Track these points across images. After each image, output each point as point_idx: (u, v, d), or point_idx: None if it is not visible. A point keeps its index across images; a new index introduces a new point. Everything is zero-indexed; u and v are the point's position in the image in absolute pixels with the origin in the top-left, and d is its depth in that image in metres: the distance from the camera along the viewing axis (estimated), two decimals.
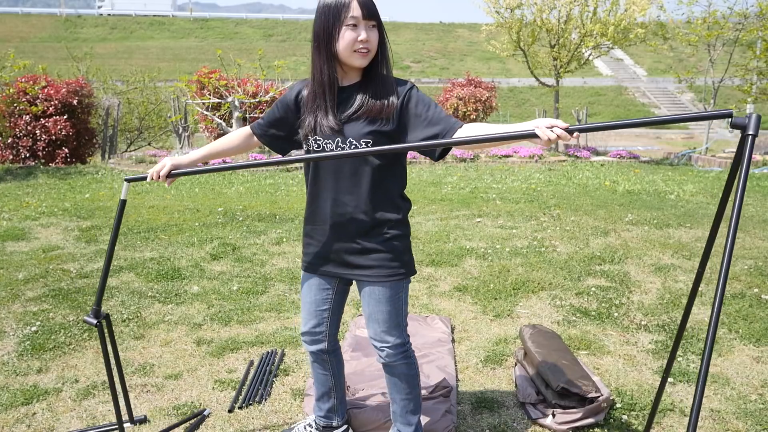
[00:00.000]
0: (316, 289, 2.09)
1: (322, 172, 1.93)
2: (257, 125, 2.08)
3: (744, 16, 13.30)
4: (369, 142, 1.84)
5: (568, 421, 2.39)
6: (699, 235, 5.43)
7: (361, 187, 1.89)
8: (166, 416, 2.51)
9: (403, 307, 2.03)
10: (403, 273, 1.97)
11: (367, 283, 1.98)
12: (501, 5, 13.07)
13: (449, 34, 48.19)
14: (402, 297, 2.01)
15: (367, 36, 1.78)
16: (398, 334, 2.03)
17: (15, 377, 2.84)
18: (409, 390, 2.11)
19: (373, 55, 1.83)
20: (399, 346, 2.03)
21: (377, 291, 1.97)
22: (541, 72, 13.65)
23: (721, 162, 11.58)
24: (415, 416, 2.15)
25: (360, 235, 1.93)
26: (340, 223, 1.93)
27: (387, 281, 1.95)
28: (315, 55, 1.86)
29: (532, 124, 1.58)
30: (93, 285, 4.12)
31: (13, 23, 47.11)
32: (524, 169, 10.81)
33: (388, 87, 1.86)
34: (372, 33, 1.79)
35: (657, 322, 3.48)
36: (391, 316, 2.00)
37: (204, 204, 6.98)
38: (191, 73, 14.33)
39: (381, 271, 1.94)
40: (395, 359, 2.04)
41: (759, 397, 2.65)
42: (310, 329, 2.14)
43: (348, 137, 1.84)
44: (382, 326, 2.01)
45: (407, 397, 2.12)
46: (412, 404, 2.13)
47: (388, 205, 1.92)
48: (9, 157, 11.27)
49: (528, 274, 4.33)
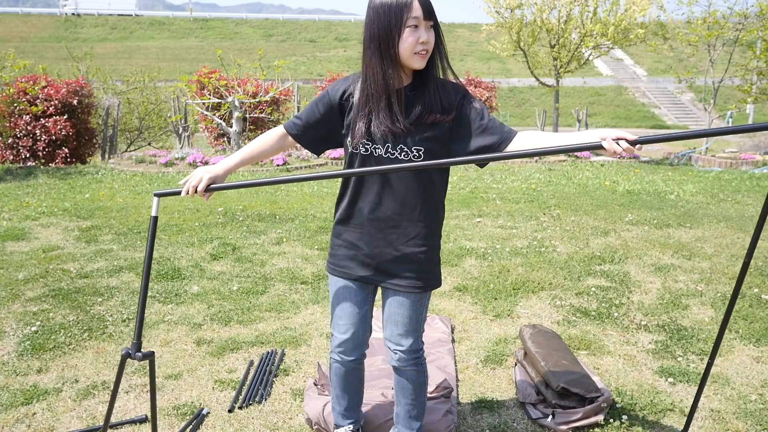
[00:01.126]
0: (354, 292, 2.01)
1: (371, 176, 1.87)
2: (293, 125, 1.96)
3: (744, 16, 13.30)
4: (421, 150, 1.78)
5: (568, 421, 2.39)
6: (699, 235, 5.43)
7: (408, 192, 1.84)
8: (166, 416, 2.51)
9: (423, 313, 2.02)
10: (432, 285, 1.98)
11: (396, 292, 1.96)
12: (501, 5, 13.07)
13: (449, 34, 48.13)
14: (425, 303, 2.00)
15: (426, 37, 1.72)
16: (414, 340, 2.02)
17: (15, 377, 2.84)
18: (415, 396, 2.11)
19: (426, 57, 1.75)
20: (413, 352, 2.02)
21: (402, 298, 1.96)
22: (541, 72, 13.65)
23: (721, 162, 11.58)
24: (417, 422, 2.15)
25: (400, 242, 1.89)
26: (381, 228, 1.88)
27: (422, 292, 1.94)
28: (371, 56, 1.76)
29: (598, 134, 1.54)
30: (93, 285, 4.12)
31: (13, 23, 47.12)
32: (524, 169, 10.81)
33: (448, 91, 1.81)
34: (431, 34, 1.73)
35: (657, 322, 3.48)
36: (411, 321, 1.98)
37: (204, 204, 6.98)
38: (191, 73, 14.34)
39: (414, 282, 1.92)
40: (407, 364, 2.03)
41: (759, 397, 2.65)
42: (352, 335, 2.04)
43: (400, 143, 1.79)
44: (400, 329, 1.99)
45: (412, 403, 2.11)
46: (416, 410, 2.13)
47: (431, 214, 1.89)
48: (9, 157, 11.27)
49: (528, 274, 4.33)
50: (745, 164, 11.34)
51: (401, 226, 1.87)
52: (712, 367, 1.99)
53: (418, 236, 1.89)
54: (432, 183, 1.87)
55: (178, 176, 9.77)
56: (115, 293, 3.97)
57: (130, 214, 6.34)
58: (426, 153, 1.79)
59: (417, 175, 1.84)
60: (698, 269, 4.44)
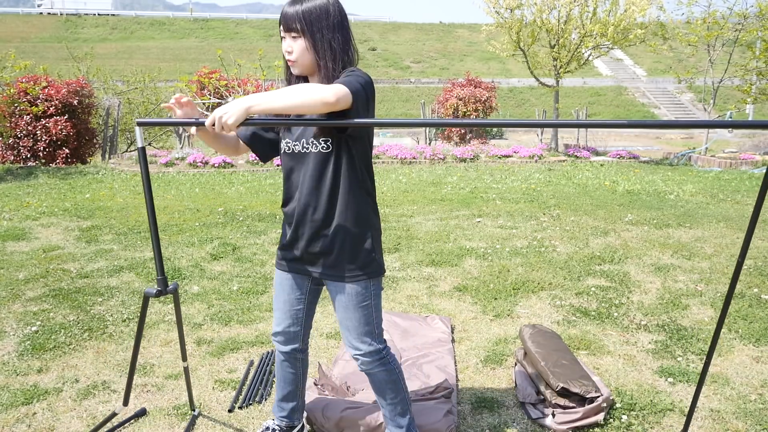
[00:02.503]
0: (289, 289, 2.10)
1: (294, 172, 1.97)
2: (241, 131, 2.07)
3: (743, 17, 13.29)
4: (328, 140, 1.87)
5: (568, 421, 2.39)
6: (699, 235, 5.44)
7: (325, 185, 1.90)
8: (167, 416, 2.52)
9: (373, 313, 2.01)
10: (367, 273, 1.97)
11: (333, 283, 2.00)
12: (501, 5, 13.07)
13: (449, 34, 48.18)
14: (371, 303, 2.00)
15: (287, 47, 1.85)
16: (370, 342, 2.01)
17: (15, 377, 2.84)
18: (394, 394, 2.10)
19: (301, 65, 1.86)
20: (373, 354, 2.02)
21: (343, 294, 1.98)
22: (540, 72, 13.65)
23: (720, 162, 11.58)
24: (404, 418, 2.14)
25: (323, 234, 1.94)
26: (305, 222, 1.96)
27: (350, 282, 1.96)
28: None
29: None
30: (93, 285, 4.12)
31: (13, 23, 47.12)
32: (524, 169, 10.82)
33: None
34: (295, 44, 1.84)
35: (657, 322, 3.48)
36: (360, 323, 1.99)
37: (204, 204, 6.98)
38: (191, 74, 14.34)
39: (343, 271, 1.95)
40: (372, 367, 2.04)
41: (759, 397, 2.65)
42: (284, 329, 2.15)
43: (311, 137, 1.89)
44: (353, 333, 2.01)
45: (393, 402, 2.11)
46: (399, 407, 2.12)
47: (352, 204, 1.93)
48: (10, 158, 11.28)
49: (528, 274, 4.33)
50: (744, 164, 11.34)
51: (324, 218, 1.93)
52: (709, 367, 2.00)
53: (342, 225, 1.93)
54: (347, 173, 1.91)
55: (178, 176, 9.78)
56: (115, 293, 3.97)
57: (131, 214, 6.34)
58: (333, 143, 1.87)
59: (332, 167, 1.89)
60: (698, 269, 4.44)
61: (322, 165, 1.90)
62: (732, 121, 1.69)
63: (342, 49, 1.86)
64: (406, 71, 38.51)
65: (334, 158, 1.88)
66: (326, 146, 1.88)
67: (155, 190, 8.18)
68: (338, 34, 1.84)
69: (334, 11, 1.83)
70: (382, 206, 6.81)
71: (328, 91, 1.68)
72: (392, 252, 4.92)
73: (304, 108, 1.68)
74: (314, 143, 1.89)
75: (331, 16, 1.82)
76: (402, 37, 46.59)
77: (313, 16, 1.80)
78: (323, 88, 1.69)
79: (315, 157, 1.90)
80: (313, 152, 1.90)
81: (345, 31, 1.87)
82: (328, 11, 1.82)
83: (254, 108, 1.68)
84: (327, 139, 1.87)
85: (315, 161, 1.90)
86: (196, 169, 10.57)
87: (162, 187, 8.51)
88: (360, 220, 1.95)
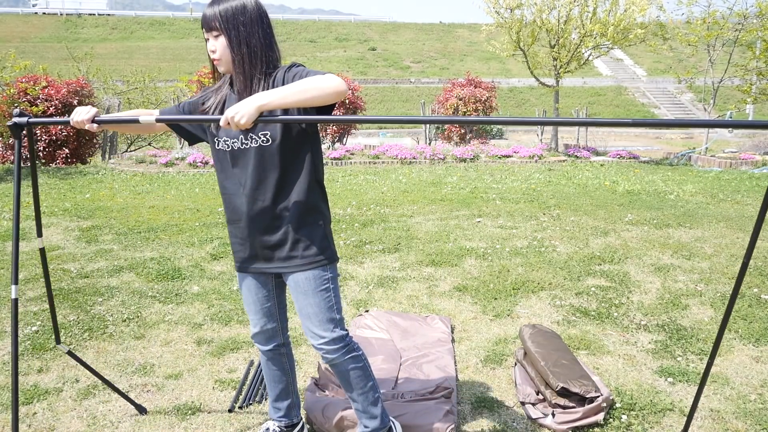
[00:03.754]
0: (255, 289, 2.10)
1: (234, 169, 1.96)
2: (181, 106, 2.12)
3: (743, 17, 13.29)
4: (267, 134, 1.88)
5: (568, 421, 2.39)
6: (699, 235, 5.44)
7: (270, 178, 1.91)
8: (167, 416, 2.52)
9: (332, 297, 2.01)
10: (321, 259, 1.97)
11: (289, 275, 2.00)
12: (501, 5, 13.06)
13: (449, 34, 48.19)
14: (329, 287, 2.00)
15: (210, 47, 1.88)
16: (332, 328, 1.99)
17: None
18: (364, 383, 2.08)
19: (225, 62, 1.88)
20: (336, 341, 2.00)
21: (301, 282, 1.98)
22: (540, 72, 13.64)
23: (720, 162, 11.58)
24: (376, 407, 2.12)
25: (274, 227, 1.95)
26: (254, 218, 1.95)
27: (307, 269, 1.96)
28: None
29: None
30: (93, 285, 4.12)
31: (13, 23, 47.12)
32: (524, 169, 10.82)
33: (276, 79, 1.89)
34: (217, 43, 1.87)
35: (657, 322, 3.48)
36: (322, 309, 1.98)
37: (204, 204, 6.99)
38: (191, 73, 14.33)
39: (298, 260, 1.96)
40: (336, 355, 2.01)
41: (758, 397, 2.65)
42: (261, 328, 2.15)
43: (249, 132, 1.89)
44: (314, 321, 1.99)
45: (364, 391, 2.09)
46: (370, 395, 2.10)
47: (302, 194, 1.93)
48: (10, 157, 11.27)
49: (528, 274, 4.34)
50: (744, 164, 11.34)
51: (271, 211, 1.93)
52: (711, 367, 2.00)
53: (291, 217, 1.93)
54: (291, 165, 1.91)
55: (178, 176, 9.78)
56: (115, 293, 3.97)
57: (131, 214, 6.35)
58: (274, 135, 1.88)
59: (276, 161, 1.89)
60: (698, 269, 4.44)
61: (266, 159, 1.90)
62: (732, 121, 1.69)
63: (263, 44, 1.88)
64: (406, 71, 38.51)
65: (277, 150, 1.89)
66: (266, 139, 1.88)
67: (155, 190, 8.18)
68: (257, 30, 1.87)
69: (252, 8, 1.87)
70: (383, 206, 6.82)
71: (336, 79, 1.72)
72: (392, 252, 4.92)
73: (318, 100, 1.71)
74: (253, 138, 1.89)
75: (248, 13, 1.86)
76: (402, 37, 46.59)
77: (229, 14, 1.85)
78: (328, 78, 1.72)
79: (257, 151, 1.90)
80: (254, 147, 1.90)
81: (265, 28, 1.89)
82: (245, 8, 1.86)
83: (266, 106, 1.71)
84: (266, 132, 1.88)
85: (257, 156, 1.90)
86: (196, 169, 10.58)
87: (162, 187, 8.51)
88: (311, 208, 1.96)
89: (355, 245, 5.09)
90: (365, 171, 10.49)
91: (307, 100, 1.71)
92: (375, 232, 5.57)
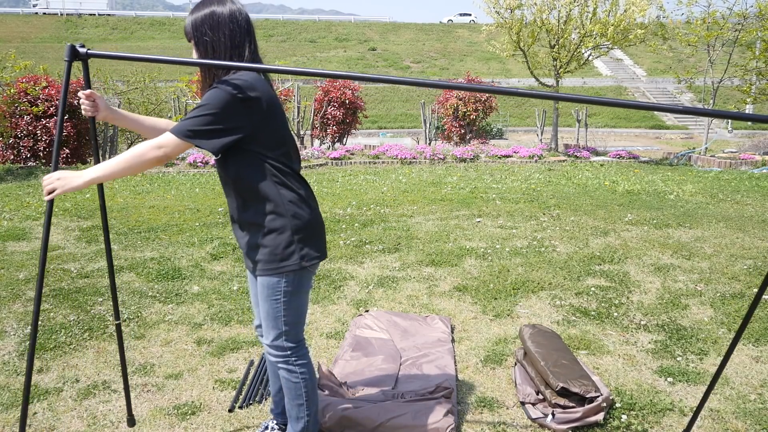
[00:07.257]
0: (252, 284, 2.20)
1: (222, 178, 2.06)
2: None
3: (743, 17, 13.29)
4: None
5: (568, 421, 2.39)
6: (698, 235, 5.44)
7: (230, 188, 2.01)
8: (167, 416, 2.52)
9: (280, 309, 2.01)
10: (275, 268, 1.98)
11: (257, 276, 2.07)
12: (501, 5, 13.07)
13: (449, 34, 48.18)
14: (279, 299, 2.01)
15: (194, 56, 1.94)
16: (273, 337, 2.05)
17: (16, 377, 2.85)
18: (293, 398, 2.11)
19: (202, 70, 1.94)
20: (277, 348, 2.07)
21: (260, 286, 2.04)
22: (540, 72, 13.65)
23: (720, 162, 11.58)
24: (298, 424, 2.13)
25: (243, 233, 2.04)
26: (234, 222, 2.08)
27: (262, 275, 2.01)
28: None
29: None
30: (93, 285, 4.12)
31: (13, 23, 47.12)
32: (524, 169, 10.82)
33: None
34: (195, 52, 1.93)
35: (656, 322, 3.49)
36: (268, 316, 2.04)
37: (204, 204, 6.99)
38: (192, 74, 14.33)
39: (259, 265, 2.02)
40: (275, 360, 2.09)
41: (758, 397, 2.66)
42: (260, 324, 2.23)
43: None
44: (265, 322, 2.07)
45: (292, 404, 2.12)
46: (295, 412, 2.13)
47: (262, 200, 1.95)
48: (10, 157, 11.28)
49: (528, 274, 4.34)
50: (744, 164, 11.34)
51: (239, 218, 2.03)
52: (710, 367, 2.00)
53: (253, 224, 1.99)
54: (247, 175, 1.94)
55: (178, 176, 9.78)
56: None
57: (131, 214, 6.35)
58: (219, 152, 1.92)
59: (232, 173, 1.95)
60: (698, 269, 4.44)
61: (223, 171, 1.98)
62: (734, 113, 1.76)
63: (227, 46, 1.88)
64: (406, 71, 38.51)
65: (227, 162, 1.95)
66: (218, 154, 1.95)
67: (155, 190, 8.18)
68: (222, 34, 1.87)
69: (221, 13, 1.87)
70: (383, 206, 6.82)
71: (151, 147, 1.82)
72: (392, 252, 4.92)
73: (135, 169, 1.84)
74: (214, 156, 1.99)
75: (216, 18, 1.87)
76: (402, 37, 46.58)
77: (198, 21, 1.89)
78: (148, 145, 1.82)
79: (217, 165, 2.00)
80: (216, 161, 2.00)
81: (233, 29, 1.88)
82: (213, 14, 1.88)
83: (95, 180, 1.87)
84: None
85: (219, 169, 2.00)
86: (196, 169, 10.58)
87: (162, 187, 8.51)
88: (273, 214, 1.96)
89: (355, 245, 5.09)
90: (365, 171, 10.49)
91: (125, 170, 1.84)
92: (375, 232, 5.57)
